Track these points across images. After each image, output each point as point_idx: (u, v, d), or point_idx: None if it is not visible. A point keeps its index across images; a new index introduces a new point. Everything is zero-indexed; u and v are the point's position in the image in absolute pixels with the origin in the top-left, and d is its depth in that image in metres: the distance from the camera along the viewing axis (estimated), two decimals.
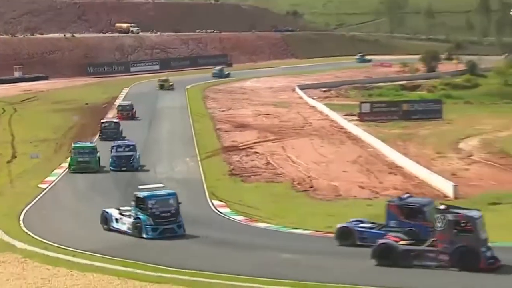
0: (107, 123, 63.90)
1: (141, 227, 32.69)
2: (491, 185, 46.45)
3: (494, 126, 71.77)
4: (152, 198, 33.20)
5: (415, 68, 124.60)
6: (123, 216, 34.09)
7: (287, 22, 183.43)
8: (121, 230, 33.69)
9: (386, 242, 27.99)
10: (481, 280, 25.22)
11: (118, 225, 34.03)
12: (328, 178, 47.91)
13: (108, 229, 34.20)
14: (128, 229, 33.37)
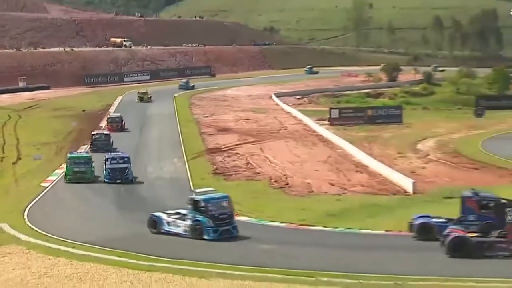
0: (98, 135, 58.40)
1: (202, 229, 30.87)
2: (445, 181, 46.79)
3: (448, 129, 72.29)
4: (211, 201, 31.52)
5: (378, 78, 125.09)
6: (176, 219, 32.35)
7: (264, 37, 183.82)
8: (175, 232, 31.80)
9: (459, 235, 27.75)
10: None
11: (171, 228, 32.09)
12: (301, 176, 47.91)
13: (158, 233, 32.11)
14: (184, 231, 31.53)
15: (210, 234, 30.76)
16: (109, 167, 45.48)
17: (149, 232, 32.25)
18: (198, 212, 31.33)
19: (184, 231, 31.54)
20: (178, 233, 31.73)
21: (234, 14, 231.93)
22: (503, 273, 25.34)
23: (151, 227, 32.59)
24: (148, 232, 32.70)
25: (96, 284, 24.34)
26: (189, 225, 31.42)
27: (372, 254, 28.94)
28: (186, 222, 31.67)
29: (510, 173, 49.58)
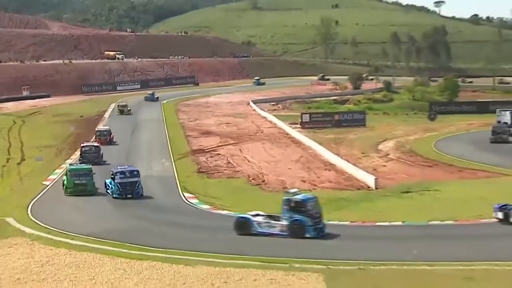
0: (88, 147, 52.43)
1: (302, 228, 29.20)
2: (403, 177, 46.96)
3: (405, 132, 72.54)
4: (309, 201, 30.18)
5: (344, 86, 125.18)
6: (270, 220, 30.45)
7: (242, 50, 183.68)
8: (270, 233, 29.88)
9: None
10: None
11: (264, 229, 30.12)
12: (276, 174, 47.93)
13: (248, 234, 29.97)
14: (281, 231, 29.64)
15: (311, 232, 29.40)
16: (119, 182, 39.40)
17: (236, 233, 30.22)
18: (295, 212, 29.73)
19: (281, 231, 29.76)
20: (273, 233, 29.91)
21: (215, 29, 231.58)
22: (462, 257, 25.63)
23: (240, 229, 30.37)
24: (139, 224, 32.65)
25: (92, 271, 24.38)
26: (286, 225, 29.71)
27: (339, 243, 29.15)
28: (282, 222, 29.96)
29: (458, 169, 49.97)
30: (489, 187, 42.41)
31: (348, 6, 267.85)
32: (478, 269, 24.02)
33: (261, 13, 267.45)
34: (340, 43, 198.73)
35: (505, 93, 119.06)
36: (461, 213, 33.90)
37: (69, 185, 40.26)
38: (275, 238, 29.76)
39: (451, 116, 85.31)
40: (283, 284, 22.28)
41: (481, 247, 27.66)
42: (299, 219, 29.51)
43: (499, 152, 57.06)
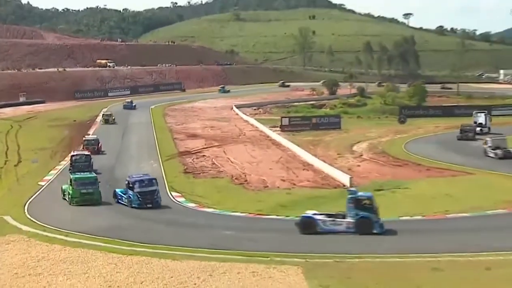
0: (78, 156, 48.08)
1: (370, 224, 28.76)
2: (376, 176, 47.13)
3: (378, 134, 72.81)
4: (373, 198, 30.10)
5: (321, 92, 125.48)
6: (335, 218, 29.74)
7: (226, 58, 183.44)
8: (337, 230, 29.24)
9: None
10: None
11: (329, 227, 29.38)
12: (258, 174, 47.92)
13: (312, 233, 29.11)
14: (347, 228, 29.07)
15: (377, 228, 28.95)
16: (138, 191, 36.32)
17: (299, 232, 29.27)
18: (362, 209, 29.32)
19: (347, 228, 29.20)
20: (339, 231, 29.27)
21: (201, 39, 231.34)
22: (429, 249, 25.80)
23: (305, 228, 29.38)
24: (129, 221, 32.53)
25: (86, 266, 24.25)
26: (353, 222, 29.14)
27: (316, 237, 29.17)
28: (349, 219, 29.40)
29: (426, 169, 50.19)
30: (454, 184, 42.84)
31: (324, 17, 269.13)
32: (444, 260, 24.20)
33: (243, 24, 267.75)
34: (317, 51, 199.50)
35: (467, 98, 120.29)
36: (428, 209, 34.22)
37: (75, 195, 36.82)
38: (255, 233, 29.89)
39: (419, 119, 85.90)
40: (264, 276, 22.30)
41: (447, 240, 27.89)
42: (366, 216, 29.17)
43: (462, 152, 57.52)
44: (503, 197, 36.09)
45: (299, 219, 30.02)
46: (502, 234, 28.91)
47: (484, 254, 25.00)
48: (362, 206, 29.47)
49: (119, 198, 37.72)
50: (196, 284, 21.71)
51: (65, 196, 38.23)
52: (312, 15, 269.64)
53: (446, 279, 21.92)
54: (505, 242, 27.05)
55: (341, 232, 29.18)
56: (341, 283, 21.46)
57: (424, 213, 33.12)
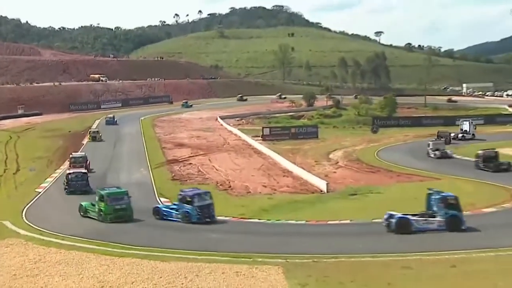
0: (74, 174, 42.53)
1: (459, 221, 29.40)
2: (350, 182, 47.23)
3: (352, 143, 73.16)
4: (458, 198, 30.43)
5: (299, 104, 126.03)
6: (427, 218, 30.10)
7: (211, 73, 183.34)
8: (430, 228, 29.46)
9: None
10: None
11: (424, 226, 29.61)
12: (241, 180, 47.89)
13: (407, 233, 29.00)
14: (439, 226, 29.43)
15: (464, 225, 29.54)
16: (198, 205, 32.77)
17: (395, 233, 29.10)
18: (450, 208, 29.83)
19: (439, 226, 29.57)
20: (431, 229, 29.51)
21: (187, 55, 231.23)
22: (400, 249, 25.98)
23: (401, 229, 29.23)
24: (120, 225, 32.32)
25: (80, 267, 24.10)
26: (444, 220, 29.60)
27: (296, 239, 29.26)
28: (439, 218, 29.81)
29: (397, 174, 50.52)
30: (422, 189, 42.87)
31: (302, 35, 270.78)
32: (413, 259, 24.42)
33: (227, 41, 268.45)
34: (295, 66, 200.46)
35: (434, 109, 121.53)
36: (399, 211, 34.26)
37: (109, 211, 32.97)
38: (239, 235, 29.86)
39: (390, 129, 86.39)
40: (247, 276, 22.30)
41: (416, 240, 28.15)
42: (455, 214, 29.65)
43: (429, 159, 58.03)
44: (466, 200, 36.27)
45: (395, 221, 29.65)
46: (466, 234, 29.25)
47: (449, 252, 25.29)
48: (450, 205, 30.02)
49: (165, 215, 33.75)
50: (184, 284, 21.65)
51: (87, 214, 34.34)
52: (291, 33, 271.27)
53: (414, 276, 22.10)
54: (469, 241, 27.41)
55: (433, 230, 29.46)
56: (318, 281, 21.53)
57: None
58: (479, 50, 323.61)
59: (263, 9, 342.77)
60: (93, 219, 33.56)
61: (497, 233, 29.35)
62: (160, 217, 33.71)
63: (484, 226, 30.82)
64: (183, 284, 21.56)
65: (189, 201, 32.99)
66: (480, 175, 47.16)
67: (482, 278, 21.59)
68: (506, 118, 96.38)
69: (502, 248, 25.91)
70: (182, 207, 33.12)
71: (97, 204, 33.78)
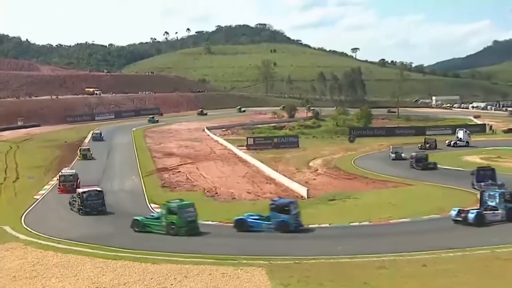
0: (88, 193, 36.95)
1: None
2: (329, 188, 47.48)
3: (330, 152, 73.45)
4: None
5: (281, 115, 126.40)
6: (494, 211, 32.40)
7: (198, 86, 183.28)
8: (497, 220, 31.85)
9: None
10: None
11: (493, 218, 31.92)
12: (227, 187, 47.87)
13: (484, 225, 31.18)
14: (502, 217, 31.90)
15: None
16: (294, 213, 31.21)
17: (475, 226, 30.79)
18: (508, 202, 32.34)
19: (501, 217, 31.83)
20: (497, 220, 31.74)
21: (176, 70, 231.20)
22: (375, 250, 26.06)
23: (479, 221, 31.13)
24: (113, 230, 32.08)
25: (75, 269, 24.00)
26: (505, 213, 31.95)
27: (278, 242, 29.25)
28: (501, 211, 32.07)
29: (372, 181, 50.84)
30: (396, 194, 43.48)
31: (284, 51, 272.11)
32: (387, 259, 24.51)
33: (213, 57, 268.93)
34: (277, 80, 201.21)
35: (406, 120, 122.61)
36: (374, 215, 34.59)
37: (182, 224, 30.39)
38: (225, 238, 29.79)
39: (366, 139, 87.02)
40: (233, 277, 22.24)
41: (390, 242, 28.27)
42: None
43: (402, 167, 58.46)
44: (436, 204, 36.78)
45: (473, 215, 31.28)
46: (436, 235, 29.54)
47: (421, 253, 25.44)
48: (509, 200, 32.49)
49: (253, 226, 31.30)
50: (173, 284, 21.54)
51: (146, 228, 31.42)
52: (273, 49, 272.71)
53: (389, 275, 22.21)
54: (439, 242, 27.65)
55: (499, 222, 31.62)
56: (300, 282, 21.52)
57: (371, 219, 33.46)
58: (447, 66, 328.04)
59: (247, 27, 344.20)
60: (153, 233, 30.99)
61: (464, 234, 29.69)
62: (246, 228, 31.08)
63: (453, 228, 31.18)
64: (172, 285, 21.45)
65: (286, 210, 31.08)
66: (448, 181, 47.51)
67: (450, 276, 21.76)
68: (471, 128, 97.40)
69: (468, 248, 26.19)
70: (277, 216, 30.99)
71: (164, 218, 31.05)
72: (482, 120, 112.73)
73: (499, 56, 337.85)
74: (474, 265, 23.33)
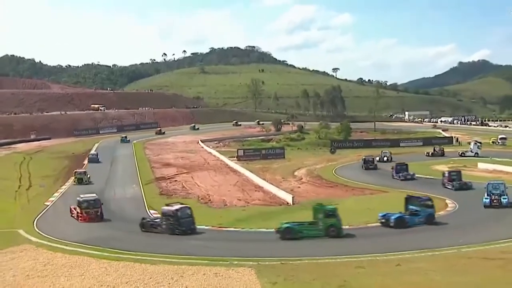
0: (182, 209, 32.21)
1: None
2: (313, 195, 47.48)
3: (314, 162, 73.62)
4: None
5: (269, 129, 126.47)
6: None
7: (193, 103, 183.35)
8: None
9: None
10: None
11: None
12: (219, 195, 47.83)
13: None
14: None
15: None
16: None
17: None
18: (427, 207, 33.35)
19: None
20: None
21: (173, 88, 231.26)
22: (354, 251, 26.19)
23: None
24: (116, 233, 31.94)
25: (82, 269, 23.96)
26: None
27: (266, 245, 29.31)
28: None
29: (352, 189, 50.98)
30: (373, 201, 43.65)
31: (271, 70, 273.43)
32: (365, 259, 24.63)
33: (207, 76, 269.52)
34: (265, 97, 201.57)
35: (382, 133, 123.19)
36: (354, 220, 34.64)
37: (341, 225, 30.40)
38: (218, 242, 29.72)
39: (346, 150, 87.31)
40: (225, 276, 22.22)
41: (368, 243, 28.43)
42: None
43: (378, 175, 58.78)
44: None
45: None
46: (409, 237, 29.81)
47: (395, 253, 25.60)
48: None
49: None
50: (170, 284, 21.48)
51: (299, 234, 29.94)
52: (262, 69, 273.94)
53: (366, 274, 22.31)
54: (411, 243, 27.87)
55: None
56: (286, 280, 21.54)
57: (351, 223, 33.51)
58: (418, 84, 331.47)
59: (238, 49, 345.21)
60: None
61: (434, 236, 29.92)
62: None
63: (424, 230, 31.41)
64: (170, 284, 21.40)
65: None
66: (419, 188, 47.74)
67: (421, 274, 21.92)
68: (440, 140, 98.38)
69: (437, 248, 26.41)
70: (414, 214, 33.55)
71: (322, 221, 30.31)
72: (449, 133, 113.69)
73: (464, 76, 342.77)
74: (442, 264, 23.53)
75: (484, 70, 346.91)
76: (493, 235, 29.37)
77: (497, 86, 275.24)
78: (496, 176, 51.85)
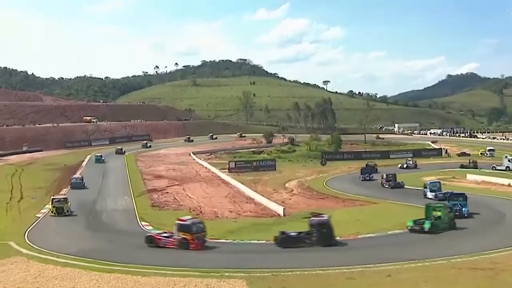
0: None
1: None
2: (303, 207, 47.55)
3: (304, 174, 73.86)
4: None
5: (260, 141, 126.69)
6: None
7: (185, 115, 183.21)
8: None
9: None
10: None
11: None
12: (210, 206, 47.78)
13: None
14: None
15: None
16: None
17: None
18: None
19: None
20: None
21: (165, 100, 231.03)
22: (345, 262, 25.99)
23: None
24: (107, 245, 31.70)
25: (73, 282, 23.67)
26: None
27: (257, 256, 29.18)
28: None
29: (342, 200, 51.14)
30: (363, 212, 43.77)
31: (262, 83, 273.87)
32: (356, 270, 24.56)
33: (199, 88, 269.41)
34: (256, 109, 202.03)
35: (372, 145, 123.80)
36: (344, 231, 34.65)
37: (432, 220, 33.54)
38: (209, 253, 29.55)
39: (336, 162, 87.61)
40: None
41: (358, 254, 28.38)
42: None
43: (368, 187, 58.98)
44: (398, 220, 37.06)
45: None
46: (399, 248, 29.77)
47: (386, 264, 25.58)
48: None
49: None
50: None
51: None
52: (253, 81, 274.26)
53: (357, 285, 22.30)
54: (402, 254, 27.85)
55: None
56: None
57: (341, 234, 33.47)
58: (407, 97, 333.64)
59: (229, 62, 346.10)
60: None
61: (424, 246, 30.00)
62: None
63: (414, 241, 31.49)
64: None
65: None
66: (408, 199, 48.03)
67: (411, 284, 21.97)
68: (429, 152, 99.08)
69: (428, 259, 26.45)
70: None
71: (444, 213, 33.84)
72: (438, 145, 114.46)
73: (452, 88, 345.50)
74: (433, 274, 23.59)
75: (472, 83, 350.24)
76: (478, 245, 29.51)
77: (485, 98, 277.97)
78: (484, 188, 52.24)
